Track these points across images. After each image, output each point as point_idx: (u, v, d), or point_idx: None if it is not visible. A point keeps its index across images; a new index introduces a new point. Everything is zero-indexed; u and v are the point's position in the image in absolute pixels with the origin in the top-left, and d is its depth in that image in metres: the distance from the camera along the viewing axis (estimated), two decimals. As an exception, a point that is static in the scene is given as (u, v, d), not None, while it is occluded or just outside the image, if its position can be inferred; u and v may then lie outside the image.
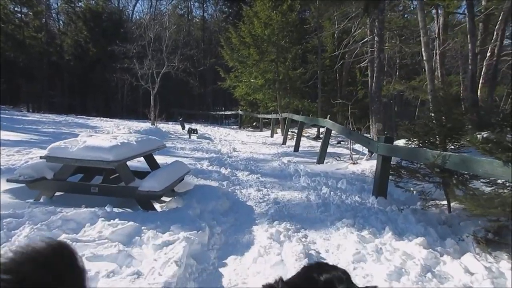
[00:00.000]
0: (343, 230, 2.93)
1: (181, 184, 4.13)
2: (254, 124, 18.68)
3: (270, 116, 14.66)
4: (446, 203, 3.43)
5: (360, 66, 12.82)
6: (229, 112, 23.66)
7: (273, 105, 15.58)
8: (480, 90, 7.42)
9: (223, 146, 9.05)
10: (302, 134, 9.51)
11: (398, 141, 5.73)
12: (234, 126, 20.68)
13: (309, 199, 4.05)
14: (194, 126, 13.27)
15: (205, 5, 30.86)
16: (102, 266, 2.04)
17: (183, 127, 12.59)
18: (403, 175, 3.61)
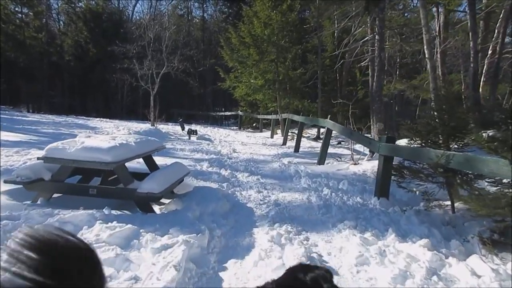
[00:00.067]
0: (345, 232, 2.88)
1: (180, 185, 4.08)
2: (254, 125, 18.62)
3: (270, 116, 14.60)
4: (449, 204, 3.38)
5: (360, 65, 12.77)
6: (229, 112, 23.60)
7: (273, 105, 15.53)
8: (481, 88, 7.36)
9: (223, 147, 9.00)
10: (302, 134, 9.46)
11: (400, 140, 5.67)
12: (234, 127, 20.63)
13: (310, 201, 4.00)
14: (194, 127, 13.24)
15: (205, 5, 30.88)
16: (99, 270, 1.98)
17: (183, 128, 12.54)
18: (406, 175, 3.56)
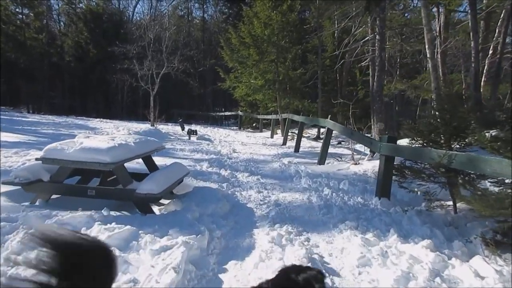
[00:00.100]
0: (347, 233, 2.85)
1: (180, 186, 4.05)
2: (254, 125, 18.59)
3: (270, 116, 14.58)
4: (451, 204, 3.34)
5: (360, 65, 12.73)
6: (229, 113, 23.58)
7: (273, 105, 15.50)
8: (482, 88, 7.33)
9: (223, 147, 8.97)
10: (302, 134, 9.43)
11: (401, 140, 5.64)
12: (234, 127, 20.60)
13: (310, 201, 3.97)
14: (193, 127, 13.21)
15: (205, 6, 30.87)
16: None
17: (183, 128, 12.51)
18: (407, 176, 3.53)
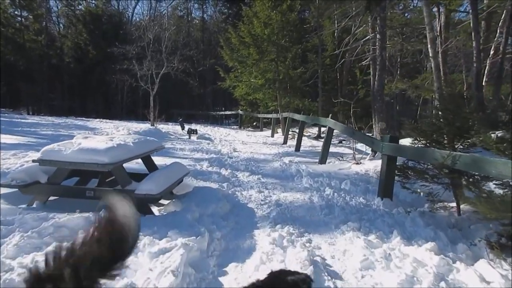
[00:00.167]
0: (349, 234, 2.80)
1: (180, 186, 4.01)
2: (254, 124, 18.54)
3: (270, 115, 14.53)
4: (455, 205, 3.30)
5: (361, 64, 12.69)
6: (229, 112, 23.52)
7: (273, 104, 15.44)
8: (484, 89, 7.27)
9: (223, 146, 8.93)
10: (303, 133, 9.38)
11: (402, 140, 5.60)
12: (234, 126, 20.55)
13: (312, 201, 3.92)
14: (193, 126, 13.16)
15: (204, 6, 30.81)
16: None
17: (183, 128, 12.47)
18: (410, 176, 3.48)
